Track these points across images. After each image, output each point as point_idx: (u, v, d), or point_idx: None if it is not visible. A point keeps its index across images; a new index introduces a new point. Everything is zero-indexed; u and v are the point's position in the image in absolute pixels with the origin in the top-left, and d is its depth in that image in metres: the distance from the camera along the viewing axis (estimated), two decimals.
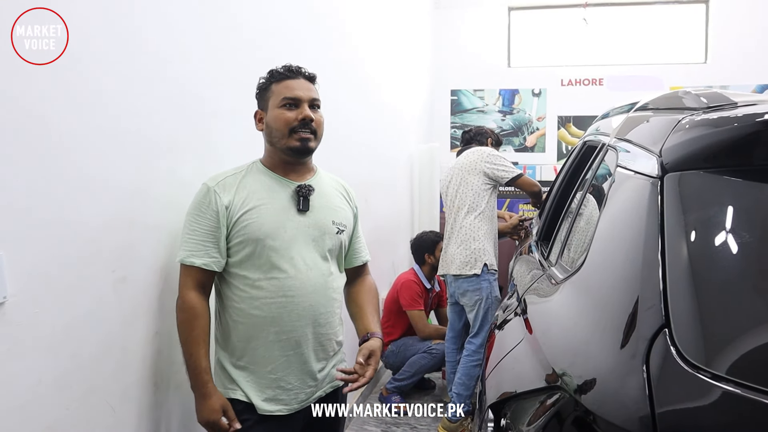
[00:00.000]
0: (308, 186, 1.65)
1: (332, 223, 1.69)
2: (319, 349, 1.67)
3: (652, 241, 0.99)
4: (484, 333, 3.12)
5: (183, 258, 1.56)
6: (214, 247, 1.56)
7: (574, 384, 0.94)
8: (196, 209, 1.57)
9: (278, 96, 1.62)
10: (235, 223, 1.56)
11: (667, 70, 5.52)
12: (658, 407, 0.78)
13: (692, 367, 0.80)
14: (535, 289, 1.60)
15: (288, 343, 1.61)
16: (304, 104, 1.61)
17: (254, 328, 1.59)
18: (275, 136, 1.62)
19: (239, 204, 1.57)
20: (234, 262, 1.59)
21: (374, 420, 3.54)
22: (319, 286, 1.64)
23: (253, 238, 1.56)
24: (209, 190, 1.57)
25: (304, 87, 1.63)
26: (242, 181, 1.61)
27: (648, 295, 0.92)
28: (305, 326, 1.62)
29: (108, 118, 1.42)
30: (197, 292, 1.57)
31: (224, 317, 1.63)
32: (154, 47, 1.58)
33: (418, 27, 5.47)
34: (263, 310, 1.58)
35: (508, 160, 3.35)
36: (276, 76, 1.64)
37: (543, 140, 5.98)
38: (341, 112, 3.24)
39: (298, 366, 1.63)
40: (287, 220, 1.60)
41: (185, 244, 1.57)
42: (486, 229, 3.24)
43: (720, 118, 1.11)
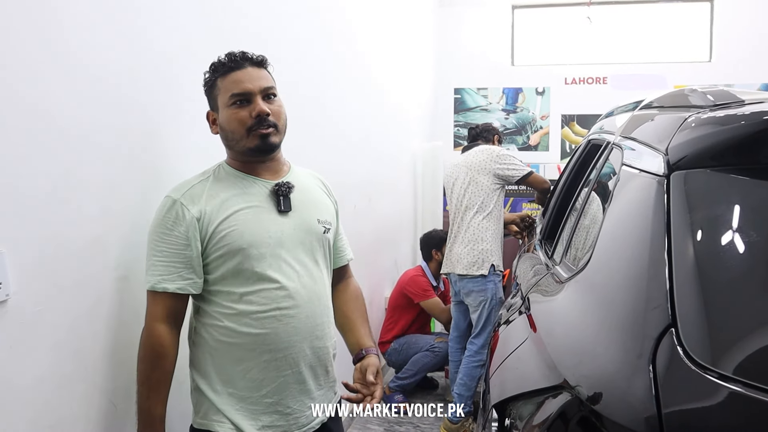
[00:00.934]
0: (287, 183, 1.47)
1: (318, 222, 1.52)
2: (318, 365, 1.50)
3: (658, 239, 0.98)
4: (487, 334, 3.11)
5: (153, 284, 1.36)
6: (187, 268, 1.37)
7: (579, 384, 0.93)
8: (161, 227, 1.38)
9: (226, 93, 1.42)
10: (211, 235, 1.38)
11: (672, 68, 5.50)
12: (665, 408, 0.77)
13: (699, 367, 0.79)
14: (539, 288, 1.59)
15: (285, 362, 1.42)
16: (257, 97, 1.41)
17: (244, 349, 1.40)
18: (231, 139, 1.44)
19: (212, 213, 1.39)
20: (215, 278, 1.41)
21: (377, 419, 3.53)
22: (313, 294, 1.47)
23: (234, 249, 1.38)
24: (175, 203, 1.38)
25: (253, 76, 1.43)
26: (211, 187, 1.42)
27: (654, 294, 0.91)
28: (302, 341, 1.44)
29: (113, 116, 1.42)
30: (167, 325, 1.38)
31: (205, 339, 1.43)
32: (158, 45, 1.57)
33: (422, 25, 5.46)
34: (255, 327, 1.39)
35: (517, 158, 3.31)
36: (219, 69, 1.44)
37: (546, 139, 5.96)
38: (345, 111, 3.24)
39: (297, 387, 1.45)
40: (270, 224, 1.42)
41: (153, 269, 1.37)
42: (494, 229, 3.21)
43: (727, 116, 1.10)
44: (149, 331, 1.37)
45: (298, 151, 2.54)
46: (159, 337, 1.36)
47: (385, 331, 3.91)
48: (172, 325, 1.39)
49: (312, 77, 2.77)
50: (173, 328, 1.39)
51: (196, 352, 1.45)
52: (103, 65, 1.38)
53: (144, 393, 1.36)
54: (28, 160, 1.19)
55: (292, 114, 2.47)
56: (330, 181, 1.73)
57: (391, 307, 3.93)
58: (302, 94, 2.62)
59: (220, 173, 1.47)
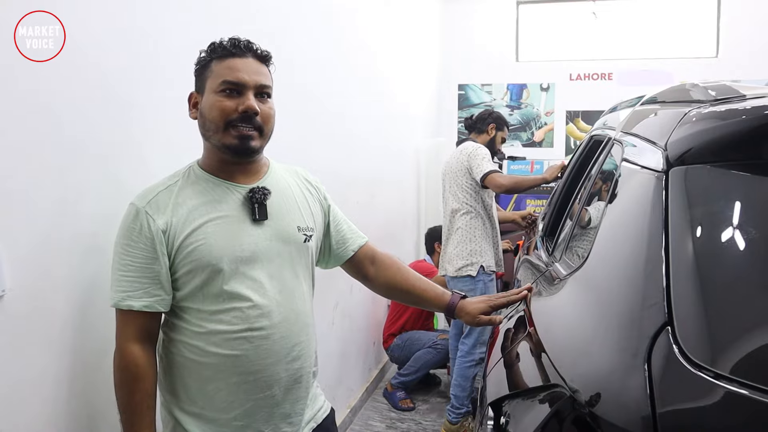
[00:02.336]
0: (262, 189, 1.33)
1: (298, 230, 1.39)
2: (294, 387, 1.37)
3: (656, 236, 0.96)
4: (477, 333, 3.10)
5: (117, 301, 1.25)
6: (155, 284, 1.26)
7: (574, 383, 0.92)
8: (126, 238, 1.26)
9: (217, 78, 1.29)
10: (178, 249, 1.26)
11: (678, 64, 5.45)
12: (660, 407, 0.76)
13: (695, 366, 0.78)
14: (538, 285, 1.58)
15: (256, 385, 1.31)
16: (249, 92, 1.29)
17: (212, 369, 1.29)
18: (208, 129, 1.30)
19: (179, 225, 1.26)
20: (183, 295, 1.29)
21: (379, 415, 3.53)
22: (290, 312, 1.35)
23: (203, 264, 1.26)
24: (139, 212, 1.26)
25: (252, 69, 1.30)
26: (179, 194, 1.29)
27: (651, 291, 0.89)
28: (276, 363, 1.32)
29: (111, 115, 1.42)
30: (140, 345, 1.26)
31: (172, 354, 1.32)
32: (159, 43, 1.56)
33: (427, 21, 5.43)
34: (224, 347, 1.28)
35: (487, 156, 3.19)
36: (218, 51, 1.31)
37: (551, 135, 5.93)
38: (349, 107, 3.23)
39: (268, 410, 1.33)
40: (243, 236, 1.30)
41: (117, 284, 1.25)
42: (482, 228, 3.20)
43: (727, 111, 1.09)
44: (121, 353, 1.26)
45: (302, 147, 2.54)
46: (133, 358, 1.25)
47: (388, 326, 3.91)
48: (146, 343, 1.28)
49: (316, 73, 2.76)
50: (147, 347, 1.28)
51: (164, 367, 1.35)
52: (99, 64, 1.38)
53: (128, 420, 1.26)
54: (24, 158, 1.19)
55: (296, 110, 2.47)
56: (333, 178, 1.70)
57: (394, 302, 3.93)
58: (306, 90, 2.61)
59: (190, 177, 1.34)
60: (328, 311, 3.02)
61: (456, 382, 3.17)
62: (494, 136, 3.36)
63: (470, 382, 3.14)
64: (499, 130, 3.38)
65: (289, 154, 1.75)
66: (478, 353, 3.13)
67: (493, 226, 3.27)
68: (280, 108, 1.48)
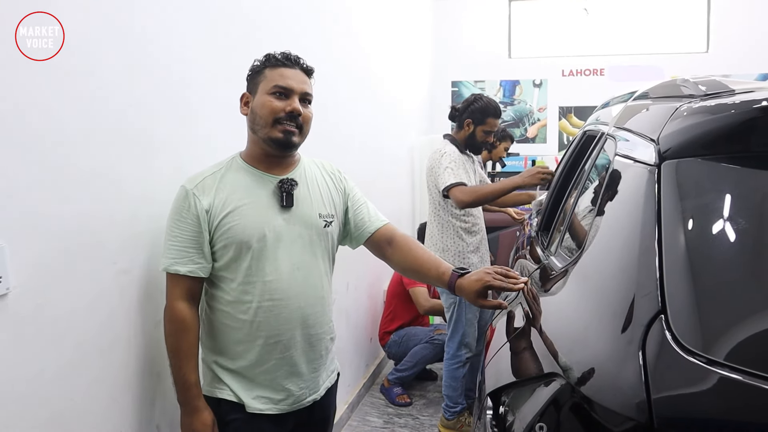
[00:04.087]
0: (290, 180, 1.57)
1: (319, 217, 1.61)
2: (309, 351, 1.61)
3: (649, 228, 0.99)
4: (459, 335, 3.04)
5: (167, 266, 1.49)
6: (198, 253, 1.50)
7: (571, 371, 0.94)
8: (177, 214, 1.50)
9: (270, 82, 1.53)
10: (217, 227, 1.50)
11: (669, 59, 5.50)
12: (655, 393, 0.78)
13: (688, 352, 0.80)
14: (535, 278, 1.61)
15: (277, 347, 1.55)
16: (295, 96, 1.53)
17: (242, 332, 1.53)
18: (258, 124, 1.53)
19: (219, 206, 1.50)
20: (219, 266, 1.53)
21: (376, 411, 3.55)
22: (307, 286, 1.57)
23: (236, 241, 1.50)
24: (188, 193, 1.50)
25: (299, 78, 1.55)
26: (222, 180, 1.53)
27: (644, 281, 0.92)
28: (293, 329, 1.56)
29: (111, 112, 1.43)
30: (186, 302, 1.51)
31: (212, 319, 1.58)
32: (152, 40, 1.58)
33: (419, 18, 5.45)
34: (249, 315, 1.52)
35: (452, 166, 2.89)
36: (272, 61, 1.56)
37: (544, 131, 5.97)
38: (341, 105, 3.24)
39: (288, 369, 1.57)
40: (271, 219, 1.53)
41: (168, 252, 1.50)
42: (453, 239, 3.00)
43: (718, 105, 1.11)
44: (171, 309, 1.50)
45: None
46: (181, 312, 1.49)
47: (384, 324, 3.93)
48: (190, 303, 1.51)
49: None
50: (191, 304, 1.52)
51: (205, 330, 1.59)
52: (101, 60, 1.39)
53: (176, 364, 1.50)
54: (28, 155, 1.20)
55: None
56: None
57: (390, 295, 3.94)
58: None
59: (232, 166, 1.56)
60: None
61: (446, 383, 3.14)
62: (473, 132, 3.03)
63: (460, 382, 3.10)
64: (478, 124, 3.01)
65: None
66: (463, 354, 3.06)
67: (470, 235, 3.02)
68: None
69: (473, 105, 3.03)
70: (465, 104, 3.06)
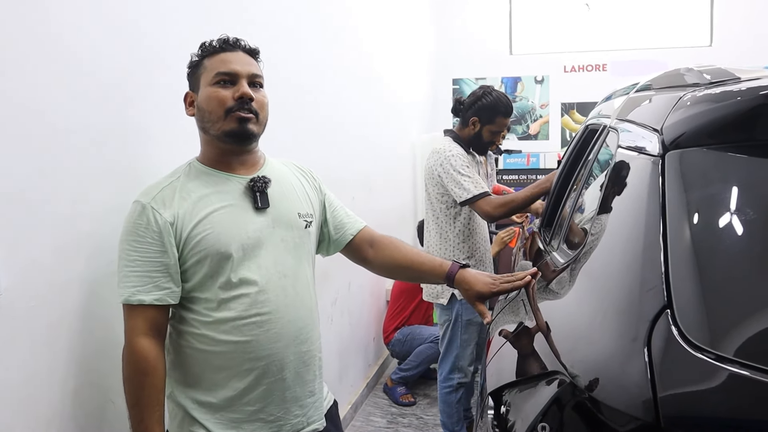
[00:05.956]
0: (262, 178, 1.38)
1: (298, 217, 1.43)
2: (304, 370, 1.41)
3: (653, 221, 0.95)
4: (453, 357, 2.73)
5: (127, 297, 1.27)
6: (165, 276, 1.28)
7: (574, 369, 0.91)
8: (132, 234, 1.28)
9: (211, 71, 1.34)
10: (186, 240, 1.29)
11: (672, 53, 5.45)
12: (661, 390, 0.75)
13: (696, 348, 0.77)
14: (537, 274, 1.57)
15: (267, 369, 1.34)
16: (242, 80, 1.34)
17: (223, 357, 1.31)
18: (208, 120, 1.34)
19: (186, 216, 1.30)
20: (192, 286, 1.32)
21: (380, 411, 3.52)
22: (296, 296, 1.39)
23: (211, 253, 1.29)
24: (144, 208, 1.28)
25: (243, 60, 1.36)
26: (182, 189, 1.33)
27: (649, 276, 0.89)
28: (285, 347, 1.35)
29: (107, 112, 1.41)
30: (151, 338, 1.28)
31: (182, 346, 1.35)
32: (150, 41, 1.55)
33: (419, 15, 5.42)
34: (234, 334, 1.31)
35: (466, 172, 2.55)
36: (209, 49, 1.37)
37: (546, 128, 5.93)
38: (343, 103, 3.22)
39: (280, 393, 1.36)
40: (247, 224, 1.34)
41: (126, 280, 1.27)
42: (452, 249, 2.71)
43: (722, 93, 1.08)
44: (131, 348, 1.27)
45: (296, 144, 2.53)
46: (143, 352, 1.26)
47: (389, 320, 3.90)
48: (155, 338, 1.30)
49: (309, 70, 2.74)
50: (157, 340, 1.30)
51: (171, 359, 1.37)
52: (87, 61, 1.36)
53: (137, 415, 1.26)
54: (19, 159, 1.18)
55: (289, 108, 2.45)
56: (328, 176, 1.68)
57: (396, 291, 3.90)
58: (299, 87, 2.60)
59: (191, 172, 1.37)
60: (327, 308, 3.01)
61: (441, 408, 2.85)
62: (479, 131, 2.67)
63: (455, 408, 2.78)
64: (486, 123, 2.65)
65: (284, 152, 1.73)
66: (456, 378, 2.75)
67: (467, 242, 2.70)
68: (274, 106, 1.48)
69: (481, 101, 2.64)
70: (472, 98, 2.69)
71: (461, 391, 2.79)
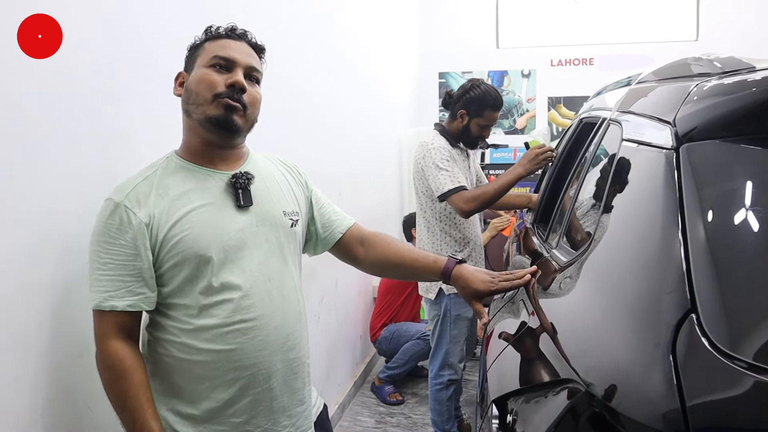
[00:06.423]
0: (245, 174, 1.29)
1: (284, 215, 1.35)
2: (292, 379, 1.33)
3: (670, 217, 0.89)
4: (442, 354, 2.70)
5: (98, 303, 1.17)
6: (138, 281, 1.19)
7: (589, 377, 0.85)
8: (104, 236, 1.18)
9: (209, 53, 1.26)
10: (163, 242, 1.20)
11: (658, 48, 5.42)
12: (690, 401, 0.69)
13: (725, 356, 0.71)
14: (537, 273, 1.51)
15: (254, 379, 1.25)
16: (239, 69, 1.26)
17: (206, 366, 1.23)
18: (194, 102, 1.24)
19: (163, 217, 1.20)
20: (169, 291, 1.23)
21: (368, 410, 3.46)
22: (283, 300, 1.30)
23: (190, 255, 1.20)
24: (117, 206, 1.18)
25: (244, 51, 1.29)
26: (159, 185, 1.23)
27: (669, 277, 0.83)
28: (272, 354, 1.27)
29: (81, 108, 1.33)
30: (122, 340, 1.19)
31: (160, 355, 1.26)
32: (133, 35, 1.47)
33: (406, 9, 5.35)
34: (218, 342, 1.22)
35: (444, 166, 2.52)
36: (213, 34, 1.30)
37: (533, 122, 5.89)
38: (329, 98, 3.14)
39: (268, 404, 1.28)
40: (229, 223, 1.25)
41: (98, 284, 1.18)
42: (441, 244, 2.66)
43: (739, 83, 1.02)
44: (104, 353, 1.18)
45: (282, 139, 2.45)
46: (117, 354, 1.18)
47: (375, 317, 3.84)
48: (127, 341, 1.21)
49: (296, 65, 2.67)
50: (130, 342, 1.22)
51: (150, 370, 1.27)
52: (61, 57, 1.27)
53: (128, 419, 1.17)
54: None
55: (275, 104, 2.37)
56: (313, 171, 1.60)
57: (383, 288, 3.84)
58: (285, 84, 2.52)
59: (168, 166, 1.27)
60: (314, 306, 2.94)
61: (432, 407, 2.82)
62: (467, 125, 2.63)
63: (445, 406, 2.75)
64: (474, 116, 2.61)
65: (269, 147, 1.65)
66: (447, 375, 2.72)
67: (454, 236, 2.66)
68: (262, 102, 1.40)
69: (469, 93, 2.61)
70: (461, 91, 2.66)
71: (452, 388, 2.75)
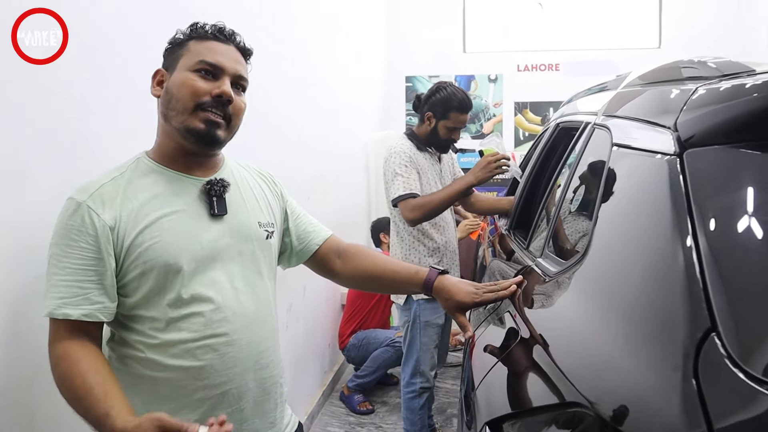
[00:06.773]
0: (221, 181, 1.21)
1: (259, 226, 1.28)
2: (264, 399, 1.25)
3: (680, 228, 0.84)
4: (413, 361, 2.64)
5: (51, 310, 1.06)
6: (98, 288, 1.09)
7: (599, 401, 0.79)
8: (63, 237, 1.08)
9: (194, 56, 1.17)
10: (129, 249, 1.10)
11: (622, 54, 5.48)
12: (717, 425, 0.63)
13: (753, 379, 0.65)
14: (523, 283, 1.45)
15: (223, 399, 1.17)
16: (226, 78, 1.18)
17: (171, 385, 1.14)
18: (173, 108, 1.16)
19: (130, 221, 1.11)
20: (135, 302, 1.13)
21: (337, 421, 3.37)
22: (256, 315, 1.23)
23: (158, 265, 1.11)
24: (80, 207, 1.09)
25: (233, 57, 1.21)
26: (127, 187, 1.14)
27: (684, 292, 0.77)
28: (244, 372, 1.19)
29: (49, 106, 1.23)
30: (78, 341, 1.08)
31: (121, 373, 1.13)
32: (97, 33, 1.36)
33: (372, 12, 5.28)
34: (186, 359, 1.13)
35: (401, 171, 2.47)
36: (200, 33, 1.20)
37: (500, 127, 5.88)
38: (293, 102, 3.04)
39: (237, 426, 1.17)
40: (201, 232, 1.17)
41: (53, 290, 1.07)
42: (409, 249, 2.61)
43: (742, 87, 0.98)
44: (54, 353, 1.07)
45: (245, 146, 2.34)
46: (66, 347, 1.06)
47: (344, 323, 3.75)
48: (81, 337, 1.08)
49: (260, 68, 2.54)
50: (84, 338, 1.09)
51: None
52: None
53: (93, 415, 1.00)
54: None
55: None
56: (280, 175, 1.51)
57: (352, 294, 3.75)
58: (250, 87, 2.40)
59: (138, 168, 1.18)
60: (282, 314, 2.83)
61: (404, 416, 2.73)
62: (434, 127, 2.58)
63: (418, 415, 2.68)
64: (440, 118, 2.56)
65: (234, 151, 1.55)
66: (419, 383, 2.65)
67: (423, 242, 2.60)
68: None
69: (435, 95, 2.56)
70: (428, 93, 2.62)
71: (425, 396, 2.68)
